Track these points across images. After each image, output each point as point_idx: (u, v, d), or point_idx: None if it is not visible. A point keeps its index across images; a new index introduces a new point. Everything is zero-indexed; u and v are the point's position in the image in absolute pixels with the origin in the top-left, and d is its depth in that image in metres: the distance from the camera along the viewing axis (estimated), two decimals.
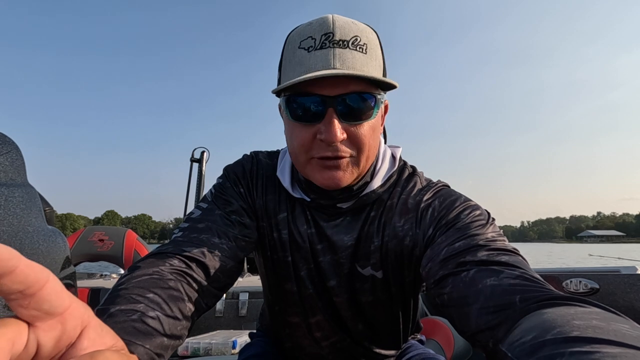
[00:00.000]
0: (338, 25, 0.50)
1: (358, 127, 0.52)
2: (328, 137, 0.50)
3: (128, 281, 0.43)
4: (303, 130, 0.52)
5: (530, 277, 0.41)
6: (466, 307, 0.42)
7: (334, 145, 0.51)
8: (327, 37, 0.50)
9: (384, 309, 0.64)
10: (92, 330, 0.23)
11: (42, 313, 0.20)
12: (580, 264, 3.93)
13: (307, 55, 0.50)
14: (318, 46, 0.50)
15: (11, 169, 0.70)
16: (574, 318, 0.31)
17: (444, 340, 1.41)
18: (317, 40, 0.50)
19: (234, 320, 2.03)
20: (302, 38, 0.51)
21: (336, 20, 0.51)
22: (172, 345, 0.43)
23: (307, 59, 0.50)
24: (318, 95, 0.50)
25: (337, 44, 0.49)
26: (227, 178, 0.64)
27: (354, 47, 0.50)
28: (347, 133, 0.51)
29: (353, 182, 0.57)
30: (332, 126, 0.50)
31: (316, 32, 0.50)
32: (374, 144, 0.55)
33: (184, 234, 0.54)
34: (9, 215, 0.66)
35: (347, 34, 0.50)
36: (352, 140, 0.52)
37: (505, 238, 0.50)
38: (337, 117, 0.50)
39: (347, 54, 0.49)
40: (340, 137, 0.50)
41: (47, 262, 0.73)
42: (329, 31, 0.50)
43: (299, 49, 0.51)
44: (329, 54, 0.49)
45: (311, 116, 0.51)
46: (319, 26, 0.51)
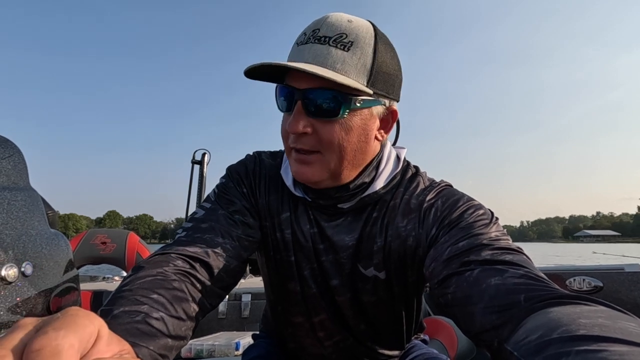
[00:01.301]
0: (328, 22, 0.52)
1: (325, 124, 0.52)
2: (290, 128, 0.52)
3: (132, 282, 0.44)
4: (284, 120, 0.56)
5: (535, 276, 0.41)
6: (470, 306, 0.42)
7: (299, 139, 0.53)
8: (313, 33, 0.52)
9: (386, 309, 0.64)
10: (102, 340, 0.23)
11: None
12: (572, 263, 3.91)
13: (295, 49, 0.53)
14: (304, 41, 0.52)
15: (14, 172, 0.70)
16: (579, 317, 0.31)
17: (447, 340, 1.41)
18: (306, 35, 0.53)
19: (237, 321, 2.03)
20: (300, 34, 0.54)
21: (330, 18, 0.52)
22: (177, 346, 0.43)
23: (293, 53, 0.53)
24: (290, 87, 0.52)
25: (318, 39, 0.51)
26: (230, 178, 0.64)
27: (334, 43, 0.50)
28: (312, 128, 0.52)
29: (338, 182, 0.57)
30: (294, 118, 0.52)
31: (309, 28, 0.53)
32: (346, 146, 0.53)
33: (188, 234, 0.54)
34: (12, 218, 0.66)
35: (332, 31, 0.51)
36: (318, 137, 0.53)
37: (509, 237, 0.50)
38: (303, 111, 0.52)
39: (322, 50, 0.50)
40: (300, 130, 0.52)
41: (50, 266, 0.73)
42: (317, 27, 0.52)
43: (295, 44, 0.54)
44: (307, 49, 0.51)
45: (286, 106, 0.54)
46: (314, 23, 0.53)
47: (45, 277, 0.71)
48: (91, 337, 0.22)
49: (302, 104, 0.51)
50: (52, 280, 0.73)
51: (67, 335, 0.20)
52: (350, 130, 0.53)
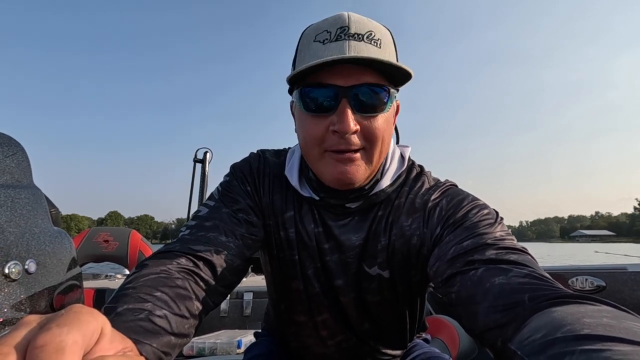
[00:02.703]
0: (353, 20, 0.51)
1: (371, 120, 0.52)
2: (341, 128, 0.50)
3: (136, 280, 0.44)
4: (316, 123, 0.52)
5: (539, 275, 0.41)
6: (474, 305, 0.42)
7: (347, 137, 0.51)
8: (342, 30, 0.50)
9: (390, 309, 0.64)
10: (105, 337, 0.23)
11: None
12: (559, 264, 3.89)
13: (322, 47, 0.51)
14: (333, 38, 0.50)
15: (17, 170, 0.71)
16: (584, 316, 0.31)
17: (449, 339, 1.41)
18: (333, 33, 0.50)
19: (239, 320, 2.03)
20: (318, 32, 0.52)
21: (351, 16, 0.52)
22: (180, 344, 0.43)
23: (321, 51, 0.50)
24: (331, 85, 0.50)
25: (352, 36, 0.50)
26: (234, 176, 0.63)
27: (368, 40, 0.50)
28: (360, 125, 0.51)
29: (365, 181, 0.57)
30: (346, 116, 0.49)
31: (331, 26, 0.51)
32: (387, 138, 0.55)
33: (192, 232, 0.54)
34: (16, 216, 0.67)
35: (362, 28, 0.51)
36: (365, 133, 0.52)
37: (513, 237, 0.49)
38: (350, 108, 0.50)
39: (362, 46, 0.50)
40: (353, 128, 0.50)
41: (53, 263, 0.73)
42: (344, 25, 0.50)
43: (314, 42, 0.52)
44: (345, 45, 0.49)
45: (324, 107, 0.51)
46: (334, 21, 0.52)
47: (49, 274, 0.71)
48: (94, 334, 0.22)
49: (349, 102, 0.50)
50: (56, 278, 0.73)
51: (71, 331, 0.20)
52: (388, 124, 0.55)
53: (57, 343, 0.19)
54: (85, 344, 0.21)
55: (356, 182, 0.55)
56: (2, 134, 0.72)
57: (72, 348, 0.20)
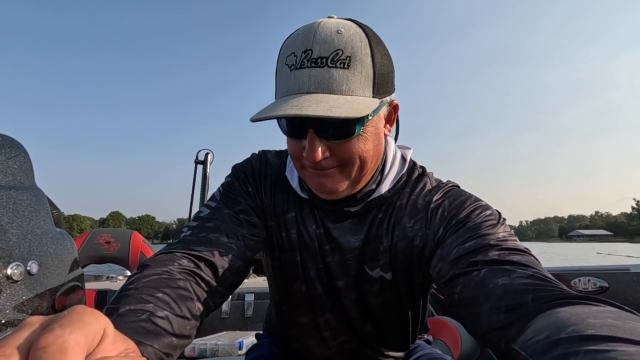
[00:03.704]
0: (318, 40, 0.48)
1: (342, 144, 0.51)
2: (309, 157, 0.50)
3: (137, 280, 0.44)
4: (293, 143, 0.53)
5: (543, 276, 0.41)
6: (477, 306, 0.42)
7: (318, 164, 0.51)
8: (306, 55, 0.48)
9: (392, 310, 0.64)
10: (108, 338, 0.23)
11: None
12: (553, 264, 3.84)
13: (289, 74, 0.49)
14: (298, 65, 0.48)
15: (19, 172, 0.71)
16: (588, 317, 0.30)
17: (451, 340, 1.40)
18: (298, 57, 0.49)
19: (240, 321, 2.03)
20: (287, 53, 0.50)
21: (319, 32, 0.48)
22: (181, 345, 0.43)
23: (288, 79, 0.49)
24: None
25: (314, 62, 0.47)
26: (236, 177, 0.63)
27: (333, 63, 0.47)
28: (330, 151, 0.51)
29: (353, 190, 0.57)
30: (313, 147, 0.49)
31: (298, 47, 0.49)
32: (367, 155, 0.53)
33: (193, 233, 0.54)
34: (18, 218, 0.67)
35: (327, 49, 0.47)
36: (338, 157, 0.52)
37: (516, 238, 0.49)
38: (317, 138, 0.50)
39: (323, 74, 0.47)
40: (321, 157, 0.50)
41: (55, 264, 0.73)
42: (307, 47, 0.48)
43: (285, 66, 0.50)
44: (305, 75, 0.48)
45: (297, 133, 0.52)
46: (301, 40, 0.49)
47: (51, 275, 0.71)
48: (97, 335, 0.22)
49: (315, 132, 0.49)
50: (58, 279, 0.73)
51: (74, 332, 0.20)
52: (367, 141, 0.53)
53: (59, 344, 0.19)
54: (87, 345, 0.21)
55: (338, 193, 0.55)
56: (4, 136, 0.72)
57: (75, 349, 0.20)
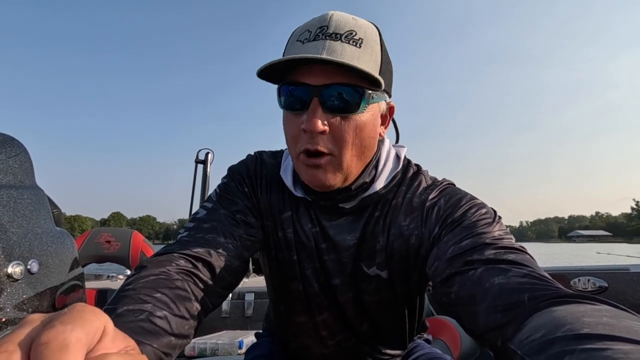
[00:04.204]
0: (334, 19, 0.51)
1: (342, 121, 0.51)
2: (309, 126, 0.50)
3: (135, 281, 0.44)
4: (292, 121, 0.53)
5: (539, 275, 0.41)
6: (474, 306, 0.42)
7: (315, 137, 0.51)
8: (321, 30, 0.51)
9: (389, 309, 0.64)
10: (108, 336, 0.23)
11: None
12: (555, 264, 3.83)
13: (300, 46, 0.51)
14: (312, 38, 0.51)
15: (20, 171, 0.71)
16: (584, 315, 0.31)
17: (451, 339, 1.41)
18: (312, 32, 0.51)
19: (240, 320, 2.04)
20: (301, 32, 0.53)
21: (335, 15, 0.52)
22: (180, 345, 0.43)
23: (299, 50, 0.51)
24: (304, 84, 0.50)
25: (329, 36, 0.50)
26: (232, 178, 0.64)
27: (346, 40, 0.50)
28: (329, 126, 0.51)
29: (346, 183, 0.56)
30: (314, 115, 0.50)
31: (313, 26, 0.52)
32: (360, 143, 0.53)
33: (190, 234, 0.54)
34: (19, 217, 0.67)
35: (341, 28, 0.51)
36: (334, 135, 0.51)
37: (512, 236, 0.49)
38: (321, 107, 0.50)
39: (337, 46, 0.49)
40: (321, 128, 0.50)
41: (56, 263, 0.73)
42: (324, 24, 0.51)
43: (296, 42, 0.52)
44: (319, 45, 0.50)
45: (298, 105, 0.52)
46: (317, 21, 0.52)
47: (51, 274, 0.72)
48: (97, 332, 0.22)
49: (320, 101, 0.50)
50: (58, 278, 0.73)
51: (75, 329, 0.20)
52: (364, 127, 0.53)
53: (60, 340, 0.19)
54: (88, 342, 0.21)
55: (329, 186, 0.55)
56: (4, 135, 0.72)
57: (76, 345, 0.20)
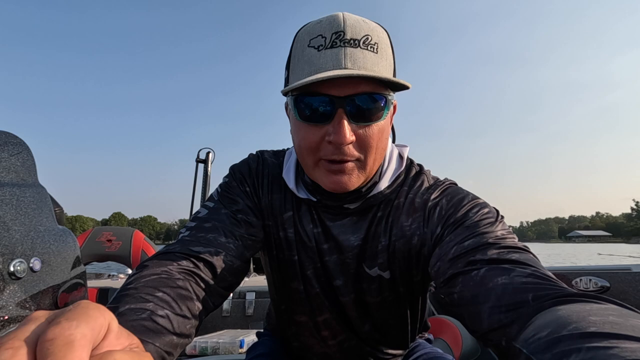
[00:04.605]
0: (349, 24, 0.49)
1: (367, 129, 0.51)
2: (337, 138, 0.49)
3: (137, 280, 0.44)
4: (311, 131, 0.51)
5: (542, 275, 0.40)
6: (477, 306, 0.42)
7: (342, 148, 0.50)
8: (337, 36, 0.48)
9: (391, 309, 0.64)
10: (112, 333, 0.23)
11: None
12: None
13: (317, 54, 0.49)
14: (328, 45, 0.49)
15: (22, 169, 0.71)
16: (590, 314, 0.30)
17: (452, 339, 1.41)
18: (328, 38, 0.49)
19: (241, 319, 2.04)
20: (312, 36, 0.50)
21: (347, 18, 0.50)
22: (181, 344, 0.43)
23: (316, 58, 0.49)
24: (327, 95, 0.49)
25: (348, 42, 0.48)
26: (233, 177, 0.63)
27: (365, 46, 0.49)
28: (356, 135, 0.50)
29: (361, 184, 0.56)
30: (342, 127, 0.48)
31: (326, 30, 0.49)
32: (381, 146, 0.54)
33: (191, 233, 0.54)
34: (21, 214, 0.67)
35: (358, 33, 0.49)
36: (360, 143, 0.51)
37: (514, 236, 0.49)
38: (346, 118, 0.49)
39: (358, 54, 0.48)
40: (349, 139, 0.49)
41: (58, 261, 0.73)
42: (339, 29, 0.49)
43: (308, 48, 0.50)
44: (340, 53, 0.48)
45: (320, 117, 0.50)
46: (329, 24, 0.49)
47: (53, 272, 0.72)
48: (102, 329, 0.22)
49: (345, 112, 0.49)
50: (60, 276, 0.73)
51: (80, 325, 0.20)
52: (385, 130, 0.53)
53: (66, 336, 0.19)
54: (93, 338, 0.21)
55: (351, 188, 0.55)
56: (7, 133, 0.72)
57: (81, 342, 0.20)
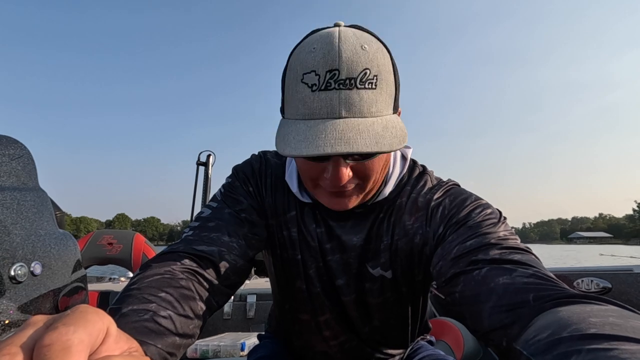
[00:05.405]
0: (345, 58, 0.44)
1: (366, 163, 0.50)
2: (334, 183, 0.49)
3: (140, 281, 0.44)
4: (309, 165, 0.51)
5: (544, 275, 0.40)
6: (478, 305, 0.42)
7: (329, 184, 0.50)
8: (332, 76, 0.45)
9: (392, 310, 0.64)
10: (111, 337, 0.23)
11: None
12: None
13: (310, 95, 0.46)
14: (322, 86, 0.45)
15: (23, 173, 0.71)
16: (590, 315, 0.30)
17: (454, 341, 1.40)
18: (322, 77, 0.45)
19: (242, 322, 2.04)
20: (305, 70, 0.46)
21: (343, 49, 0.45)
22: (184, 345, 0.43)
23: (310, 100, 0.46)
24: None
25: (343, 84, 0.45)
26: (237, 177, 0.64)
27: (362, 84, 0.45)
28: (354, 170, 0.50)
29: (364, 200, 0.57)
30: (339, 172, 0.48)
31: (320, 66, 0.45)
32: (383, 170, 0.54)
33: (195, 233, 0.54)
34: (22, 218, 0.67)
35: (354, 69, 0.45)
36: (360, 175, 0.51)
37: (517, 237, 0.49)
38: (343, 162, 0.48)
39: (353, 97, 0.45)
40: (347, 179, 0.49)
41: (59, 265, 0.73)
42: (334, 67, 0.44)
43: (301, 84, 0.46)
44: (334, 99, 0.45)
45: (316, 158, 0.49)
46: (323, 58, 0.45)
47: (54, 276, 0.72)
48: (100, 333, 0.22)
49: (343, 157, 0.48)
50: (61, 280, 0.73)
51: (77, 330, 0.20)
52: (385, 157, 0.53)
53: (63, 342, 0.19)
54: (91, 344, 0.21)
55: (351, 207, 0.55)
56: (8, 137, 0.73)
57: (79, 347, 0.20)
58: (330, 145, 0.43)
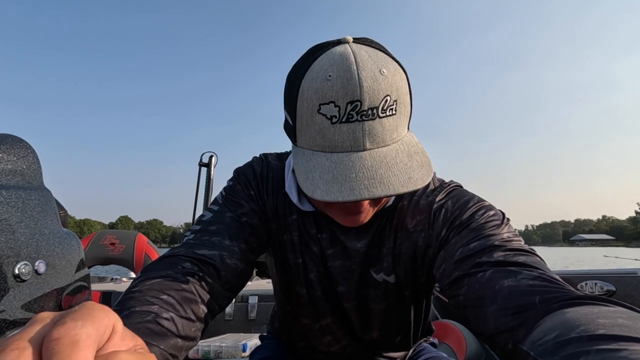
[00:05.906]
0: (366, 88, 0.42)
1: None
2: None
3: (142, 283, 0.44)
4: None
5: (549, 277, 0.40)
6: (483, 308, 0.41)
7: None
8: (354, 107, 0.42)
9: (395, 314, 0.64)
10: (117, 334, 0.24)
11: None
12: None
13: (330, 127, 0.44)
14: (343, 118, 0.43)
15: (28, 172, 0.72)
16: (598, 317, 0.30)
17: (456, 343, 1.39)
18: (342, 108, 0.42)
19: (244, 323, 2.03)
20: (322, 101, 0.43)
21: (363, 76, 0.42)
22: (186, 347, 0.43)
23: (330, 133, 0.44)
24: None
25: (366, 115, 0.43)
26: (238, 180, 0.63)
27: (384, 112, 0.44)
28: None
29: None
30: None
31: (340, 97, 0.42)
32: None
33: (196, 237, 0.54)
34: (26, 217, 0.68)
35: (376, 98, 0.43)
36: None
37: (521, 238, 0.49)
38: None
39: (377, 127, 0.44)
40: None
41: (62, 264, 0.74)
42: (355, 99, 0.42)
43: (319, 114, 0.44)
44: (357, 131, 0.43)
45: None
46: (342, 88, 0.42)
47: (58, 275, 0.72)
48: (107, 329, 0.22)
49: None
50: (64, 279, 0.74)
51: (85, 325, 0.20)
52: None
53: (71, 336, 0.19)
54: (98, 339, 0.21)
55: (364, 222, 0.55)
56: (13, 136, 0.73)
57: (87, 342, 0.20)
58: (366, 188, 0.41)
